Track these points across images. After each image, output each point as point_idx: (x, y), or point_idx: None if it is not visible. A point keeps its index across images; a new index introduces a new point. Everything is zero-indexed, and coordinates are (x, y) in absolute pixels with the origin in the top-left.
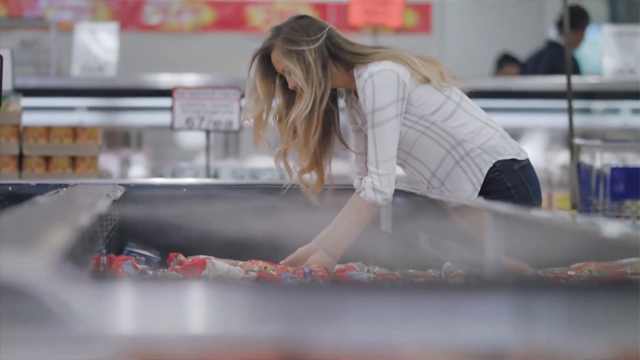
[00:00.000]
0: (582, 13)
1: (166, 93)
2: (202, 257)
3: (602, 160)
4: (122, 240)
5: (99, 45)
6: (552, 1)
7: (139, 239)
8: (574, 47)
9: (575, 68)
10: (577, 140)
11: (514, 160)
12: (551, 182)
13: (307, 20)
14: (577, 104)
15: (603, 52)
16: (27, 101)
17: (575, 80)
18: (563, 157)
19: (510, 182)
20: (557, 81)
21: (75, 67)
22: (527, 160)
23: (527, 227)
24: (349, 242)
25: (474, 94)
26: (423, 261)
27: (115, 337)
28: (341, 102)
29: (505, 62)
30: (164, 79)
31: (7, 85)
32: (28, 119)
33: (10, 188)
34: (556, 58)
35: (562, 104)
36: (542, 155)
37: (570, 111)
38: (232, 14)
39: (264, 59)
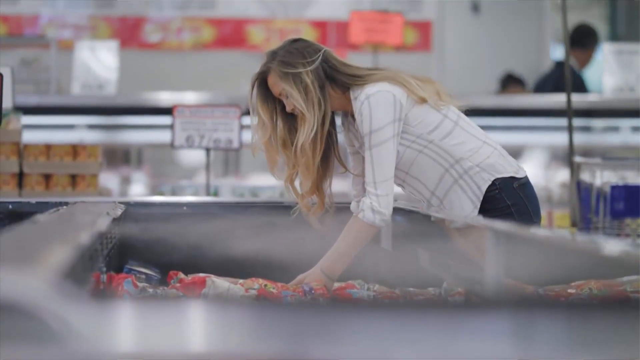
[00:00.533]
0: (590, 32)
1: (166, 111)
2: (202, 275)
3: (602, 178)
4: (122, 258)
5: (99, 63)
6: (552, 19)
7: (139, 256)
8: (582, 67)
9: (581, 87)
10: (577, 158)
11: (512, 178)
12: (551, 200)
13: (302, 43)
14: (577, 121)
15: (603, 70)
16: (27, 119)
17: (576, 98)
18: (563, 175)
19: (509, 200)
20: (557, 99)
21: (75, 85)
22: (526, 178)
23: (527, 245)
24: (347, 263)
25: (474, 112)
26: (423, 279)
27: (115, 355)
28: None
29: (510, 82)
30: (164, 97)
31: (7, 104)
32: (28, 136)
33: (10, 206)
34: (563, 78)
35: (562, 121)
36: (542, 173)
37: (570, 129)
38: (232, 32)
39: (263, 83)
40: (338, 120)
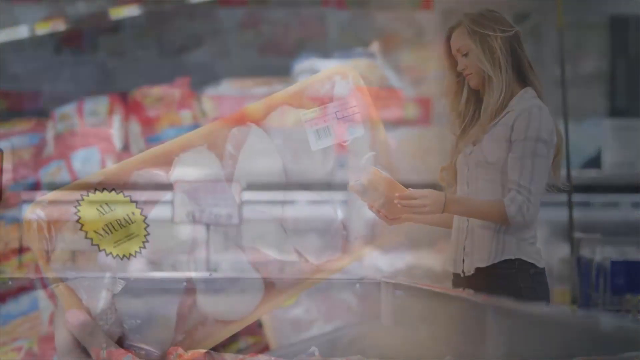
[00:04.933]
0: None
1: (167, 186)
2: (202, 350)
3: (603, 253)
4: (122, 334)
5: None
6: (552, 94)
7: (138, 332)
8: None
9: None
10: (577, 234)
11: (533, 265)
12: (551, 276)
13: (500, 14)
14: (577, 197)
15: (603, 145)
16: (27, 194)
17: (575, 173)
18: (563, 250)
19: (522, 282)
20: None
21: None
22: (544, 270)
23: (528, 321)
24: (462, 212)
25: None
26: (424, 354)
27: None
28: None
29: None
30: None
31: (8, 179)
32: None
33: (10, 282)
34: None
35: (562, 197)
36: (541, 248)
37: (570, 204)
38: (231, 108)
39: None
40: None
